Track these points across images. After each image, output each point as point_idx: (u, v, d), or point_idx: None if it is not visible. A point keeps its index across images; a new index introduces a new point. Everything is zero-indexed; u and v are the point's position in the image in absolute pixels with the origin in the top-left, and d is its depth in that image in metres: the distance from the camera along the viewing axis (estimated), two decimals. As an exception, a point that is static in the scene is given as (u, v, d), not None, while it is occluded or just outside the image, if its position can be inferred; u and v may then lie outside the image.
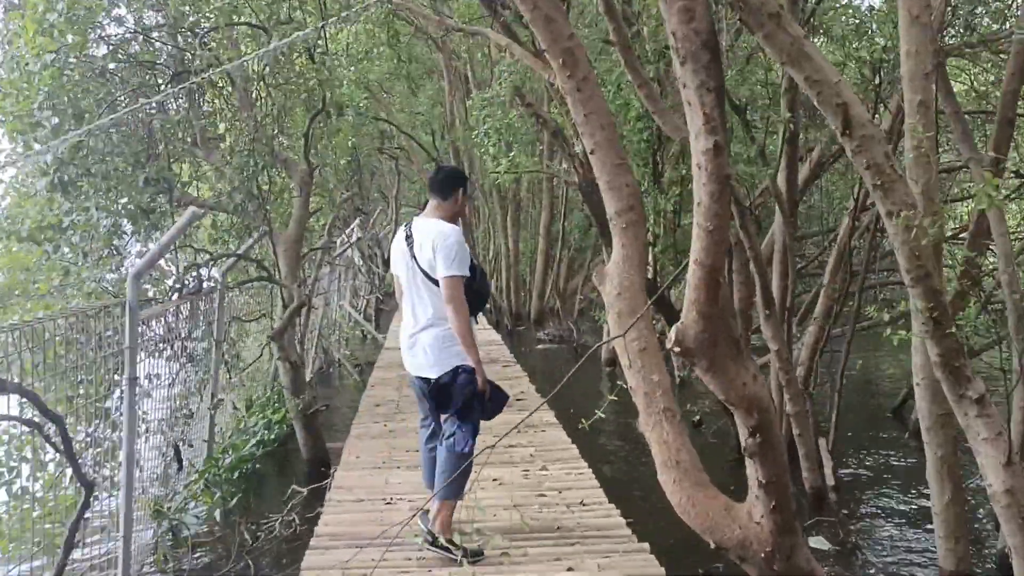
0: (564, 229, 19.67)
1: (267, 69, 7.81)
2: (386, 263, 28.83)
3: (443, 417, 4.48)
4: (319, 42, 8.43)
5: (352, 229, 15.41)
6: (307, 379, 11.29)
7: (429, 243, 4.32)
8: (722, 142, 3.12)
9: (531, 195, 23.11)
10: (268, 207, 7.97)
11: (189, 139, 8.00)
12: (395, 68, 20.26)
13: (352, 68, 14.44)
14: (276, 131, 9.16)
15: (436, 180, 4.58)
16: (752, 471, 3.55)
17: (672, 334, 3.40)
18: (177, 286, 6.54)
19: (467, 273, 4.34)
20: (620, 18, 5.89)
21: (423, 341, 4.38)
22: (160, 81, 7.33)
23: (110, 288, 6.38)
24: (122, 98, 6.92)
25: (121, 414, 5.38)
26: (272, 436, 8.78)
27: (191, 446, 7.05)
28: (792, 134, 6.95)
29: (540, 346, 17.34)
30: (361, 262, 14.80)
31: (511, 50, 6.06)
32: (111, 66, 6.94)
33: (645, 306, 3.99)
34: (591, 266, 21.45)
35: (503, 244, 21.85)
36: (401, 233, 4.55)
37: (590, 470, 5.98)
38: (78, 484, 4.23)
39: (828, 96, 3.46)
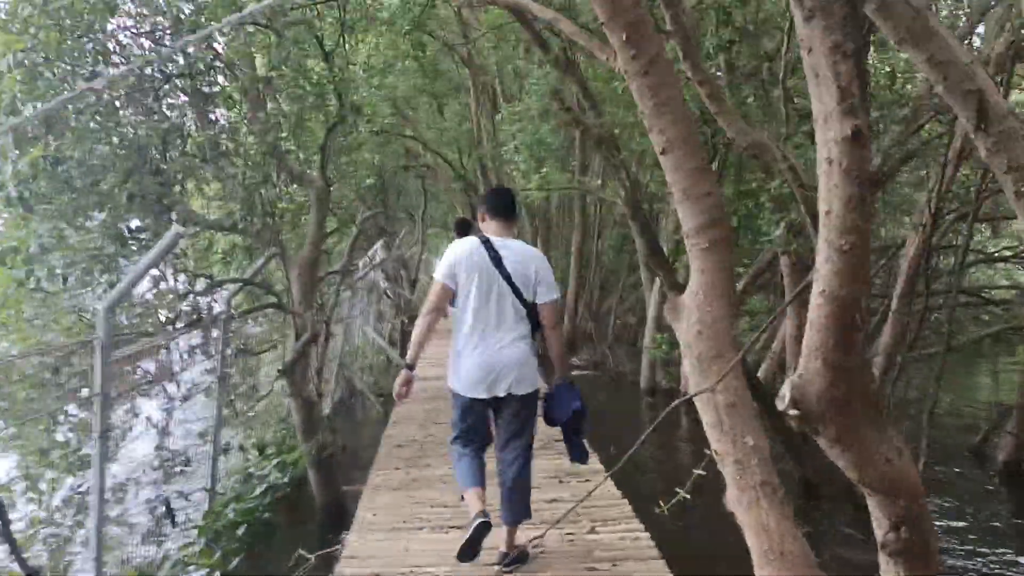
0: (597, 248, 18.75)
1: (277, 68, 7.00)
2: (413, 283, 28.09)
3: (505, 440, 4.48)
4: (335, 44, 7.65)
5: (376, 250, 14.62)
6: (325, 413, 10.48)
7: (531, 266, 4.39)
8: (864, 128, 2.24)
9: (561, 213, 22.25)
10: (277, 225, 7.17)
11: (195, 153, 7.24)
12: (420, 84, 19.59)
13: (374, 80, 13.71)
14: (290, 142, 8.42)
15: (506, 201, 4.61)
16: (890, 570, 2.64)
17: (786, 390, 2.49)
18: (172, 316, 5.74)
19: None
20: (679, 2, 5.03)
21: (512, 359, 4.34)
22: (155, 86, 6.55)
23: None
24: (111, 105, 6.15)
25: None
26: (285, 479, 7.95)
27: (188, 499, 6.21)
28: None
29: (574, 372, 16.41)
30: (385, 284, 14.00)
31: (559, 26, 5.21)
32: (100, 69, 6.16)
33: (737, 353, 3.10)
34: (624, 288, 20.54)
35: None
36: (474, 246, 4.41)
37: (647, 535, 5.07)
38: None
39: (957, 81, 2.57)
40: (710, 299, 3.16)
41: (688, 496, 3.03)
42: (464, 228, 11.08)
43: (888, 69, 8.06)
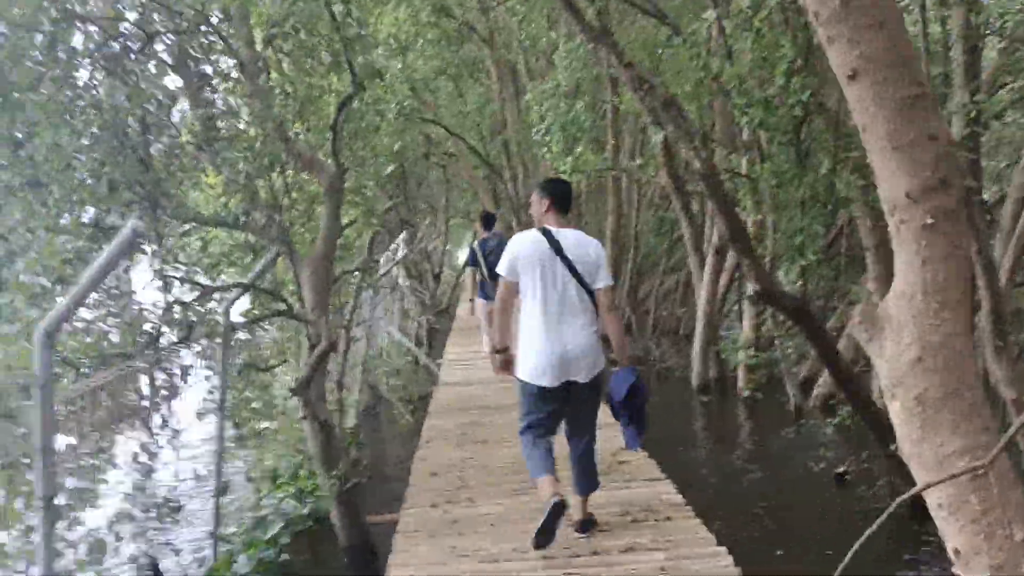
0: (636, 234, 17.52)
1: (280, 24, 5.87)
2: (436, 277, 26.99)
3: (576, 425, 4.76)
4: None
5: (397, 244, 13.50)
6: (349, 427, 9.41)
7: (591, 253, 4.54)
8: None
9: (591, 197, 21.03)
10: (285, 218, 6.07)
11: (189, 139, 6.15)
12: (440, 66, 18.46)
13: (394, 61, 12.62)
14: (297, 122, 7.31)
15: (567, 191, 4.77)
16: None
17: None
18: (151, 332, 4.64)
19: None
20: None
21: (582, 348, 4.51)
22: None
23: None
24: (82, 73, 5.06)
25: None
26: (304, 511, 6.88)
27: (176, 553, 5.11)
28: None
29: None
30: (406, 282, 12.86)
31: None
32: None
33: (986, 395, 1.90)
34: (664, 273, 19.33)
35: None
36: (535, 238, 4.53)
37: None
38: None
39: None
40: (936, 305, 1.99)
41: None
42: (489, 221, 10.30)
43: None
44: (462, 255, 43.51)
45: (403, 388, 13.23)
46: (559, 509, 4.37)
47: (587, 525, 4.81)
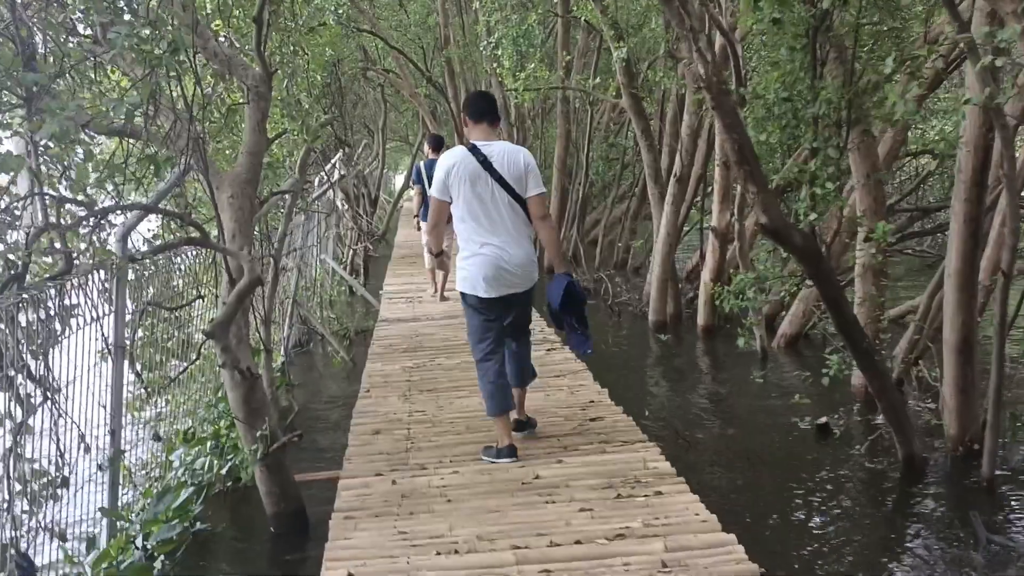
0: (587, 160, 16.56)
1: None
2: (373, 202, 25.74)
3: (514, 332, 4.87)
4: None
5: (334, 165, 12.31)
6: (277, 367, 8.42)
7: (520, 163, 4.54)
8: None
9: (539, 119, 19.97)
10: (196, 126, 4.98)
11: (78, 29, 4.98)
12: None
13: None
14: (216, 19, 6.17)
15: (490, 104, 4.76)
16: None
17: None
18: (12, 272, 3.58)
19: None
20: None
21: (518, 259, 4.58)
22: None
23: None
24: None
25: None
26: (224, 468, 5.93)
27: (63, 539, 4.11)
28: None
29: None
30: (345, 206, 11.73)
31: None
32: None
33: None
34: (612, 205, 18.48)
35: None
36: (462, 155, 4.55)
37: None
38: None
39: None
40: None
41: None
42: (438, 144, 9.61)
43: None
44: (399, 180, 42.17)
45: (338, 322, 12.25)
46: (511, 454, 4.70)
47: (523, 425, 5.12)
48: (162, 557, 4.67)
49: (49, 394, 3.93)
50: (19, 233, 3.88)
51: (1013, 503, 5.55)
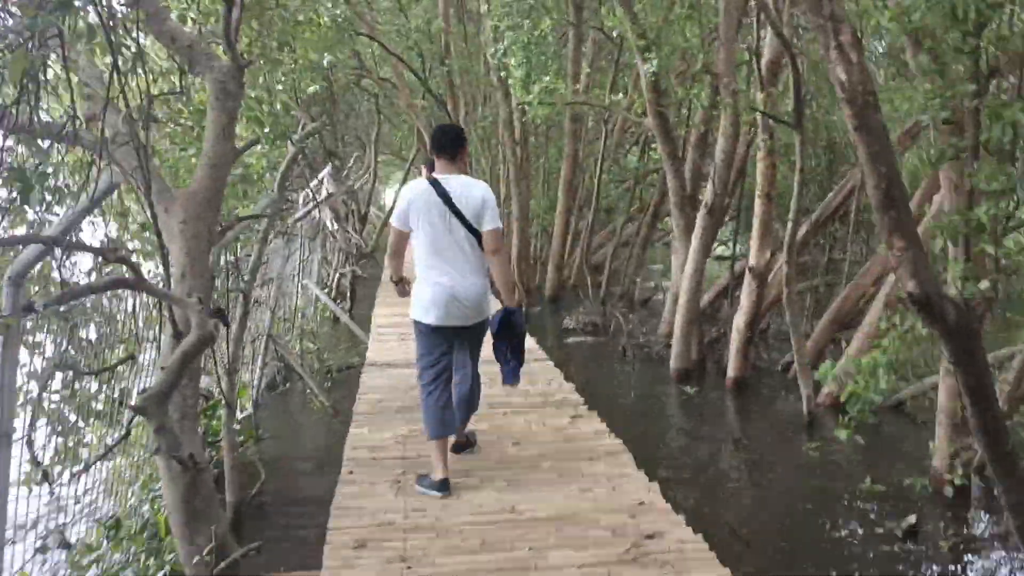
0: (598, 183, 15.26)
1: None
2: (363, 218, 24.34)
3: (461, 363, 4.96)
4: None
5: (323, 179, 10.93)
6: (243, 416, 7.08)
7: (477, 198, 4.64)
8: None
9: (542, 137, 18.72)
10: (137, 127, 3.69)
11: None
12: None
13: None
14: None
15: (449, 138, 4.81)
16: None
17: None
18: None
19: None
20: None
21: (470, 292, 4.71)
22: None
23: None
24: None
25: None
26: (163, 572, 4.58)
27: None
28: None
29: (570, 339, 13.08)
30: (334, 225, 10.33)
31: None
32: None
33: None
34: (620, 233, 17.19)
35: (507, 202, 17.52)
36: (423, 187, 4.68)
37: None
38: None
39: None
40: None
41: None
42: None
43: None
44: (390, 194, 40.68)
45: (318, 358, 10.88)
46: (443, 488, 4.72)
47: (462, 447, 5.37)
48: None
49: None
50: None
51: None
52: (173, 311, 3.95)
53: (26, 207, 2.93)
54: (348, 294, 15.43)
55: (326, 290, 14.09)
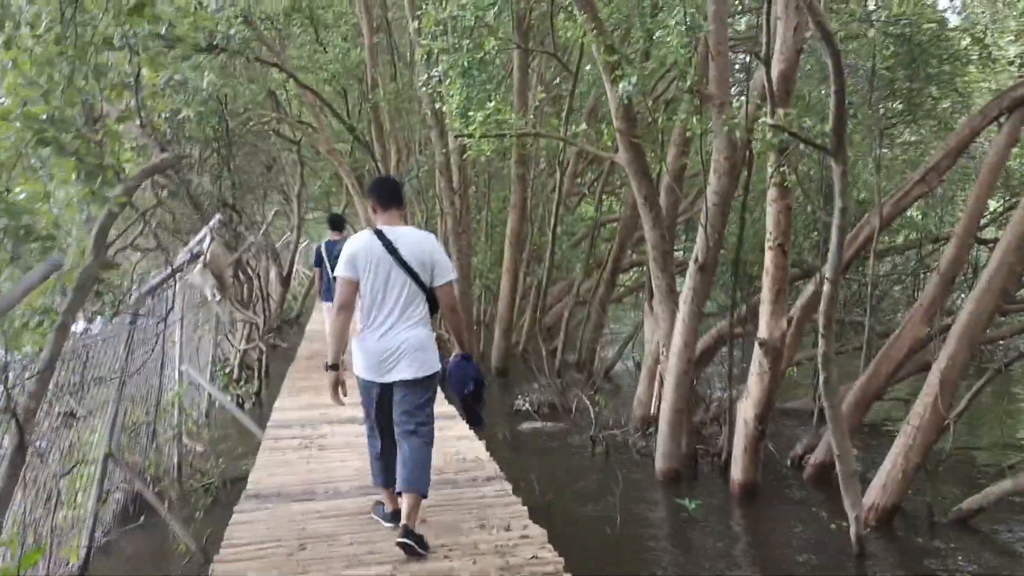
0: (553, 234, 13.02)
1: None
2: (286, 280, 21.74)
3: (401, 417, 4.63)
4: None
5: (203, 239, 8.43)
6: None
7: (425, 250, 4.56)
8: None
9: (485, 187, 16.53)
10: None
11: None
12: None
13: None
14: None
15: (390, 189, 4.77)
16: None
17: None
18: None
19: None
20: None
21: (413, 344, 4.55)
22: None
23: None
24: None
25: None
26: None
27: None
28: None
29: (525, 425, 10.69)
30: (213, 295, 7.88)
31: None
32: None
33: None
34: (577, 295, 14.98)
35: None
36: (369, 239, 4.58)
37: None
38: None
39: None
40: None
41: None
42: (338, 223, 8.78)
43: None
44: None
45: (200, 469, 8.35)
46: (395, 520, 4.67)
47: (410, 537, 4.39)
48: None
49: None
50: None
51: None
52: None
53: None
54: (257, 373, 12.87)
55: (225, 371, 11.52)
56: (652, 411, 10.03)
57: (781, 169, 6.75)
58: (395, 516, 4.65)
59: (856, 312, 12.34)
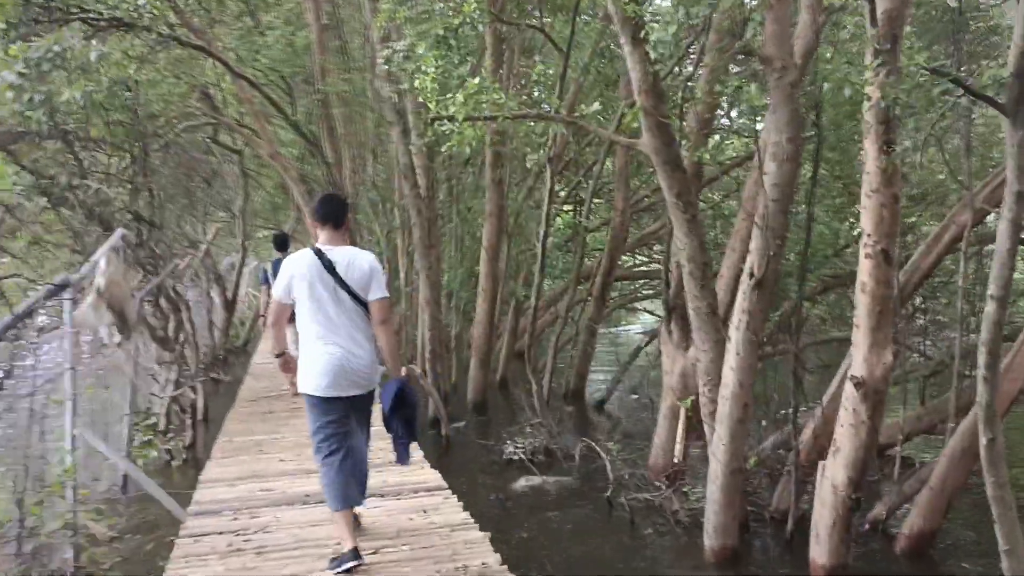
0: (544, 249, 11.06)
1: None
2: (231, 303, 19.56)
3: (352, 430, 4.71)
4: None
5: (99, 260, 6.33)
6: None
7: (364, 269, 4.56)
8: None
9: (448, 192, 14.52)
10: None
11: None
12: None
13: None
14: None
15: (333, 208, 4.72)
16: None
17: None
18: None
19: None
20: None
21: (360, 362, 4.57)
22: None
23: None
24: None
25: None
26: None
27: None
28: None
29: (520, 483, 8.68)
30: (111, 336, 5.93)
31: None
32: None
33: None
34: (571, 307, 13.08)
35: (409, 277, 13.24)
36: (307, 258, 4.56)
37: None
38: None
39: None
40: None
41: None
42: (282, 242, 7.51)
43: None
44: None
45: (99, 558, 6.28)
46: (355, 558, 4.43)
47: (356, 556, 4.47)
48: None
49: None
50: None
51: None
52: None
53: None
54: (192, 421, 10.72)
55: (148, 424, 9.38)
56: (675, 459, 8.18)
57: (889, 148, 4.91)
58: (354, 554, 4.43)
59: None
